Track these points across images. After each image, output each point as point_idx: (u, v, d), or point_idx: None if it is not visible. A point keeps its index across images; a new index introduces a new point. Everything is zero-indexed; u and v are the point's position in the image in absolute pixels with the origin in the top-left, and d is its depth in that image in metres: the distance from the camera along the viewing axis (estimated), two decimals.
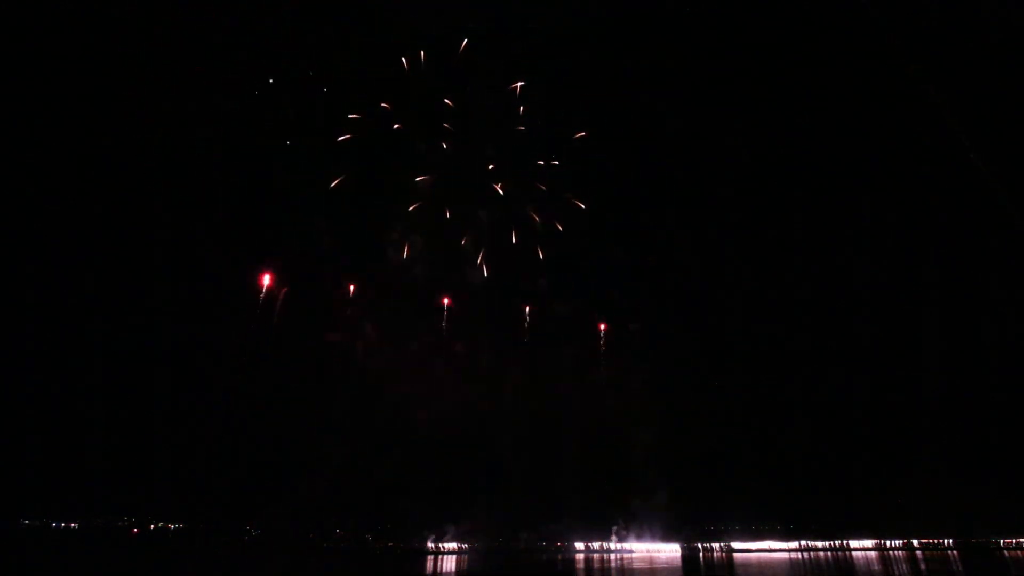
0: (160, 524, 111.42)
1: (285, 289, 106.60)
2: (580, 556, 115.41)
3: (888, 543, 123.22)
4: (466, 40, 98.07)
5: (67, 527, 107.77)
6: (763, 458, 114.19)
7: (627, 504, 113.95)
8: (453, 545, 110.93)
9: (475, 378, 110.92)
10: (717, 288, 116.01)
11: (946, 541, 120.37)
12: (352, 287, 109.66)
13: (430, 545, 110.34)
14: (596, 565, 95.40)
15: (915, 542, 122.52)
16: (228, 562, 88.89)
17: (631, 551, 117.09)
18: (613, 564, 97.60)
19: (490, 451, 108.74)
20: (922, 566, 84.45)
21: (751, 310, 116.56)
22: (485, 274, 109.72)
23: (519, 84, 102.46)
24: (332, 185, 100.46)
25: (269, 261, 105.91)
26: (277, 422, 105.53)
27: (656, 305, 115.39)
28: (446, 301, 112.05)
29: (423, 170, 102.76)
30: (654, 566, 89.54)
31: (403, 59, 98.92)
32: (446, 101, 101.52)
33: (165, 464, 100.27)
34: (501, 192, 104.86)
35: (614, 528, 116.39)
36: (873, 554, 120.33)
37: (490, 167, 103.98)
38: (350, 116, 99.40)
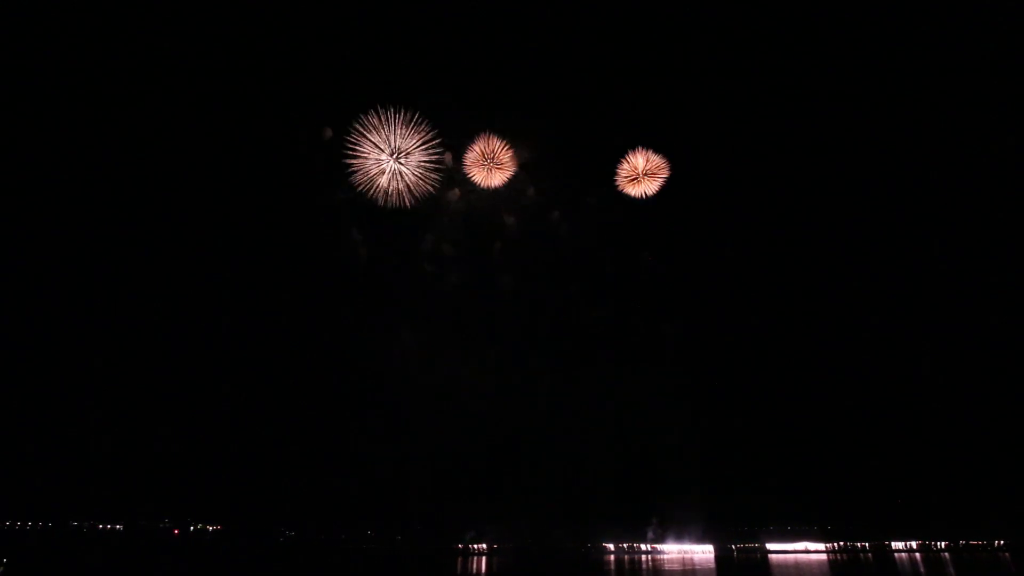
0: (199, 526, 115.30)
1: (321, 300, 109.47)
2: (612, 557, 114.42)
3: (934, 544, 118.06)
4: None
5: (112, 529, 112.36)
6: (799, 457, 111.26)
7: (660, 505, 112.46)
8: (483, 545, 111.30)
9: (508, 381, 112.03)
10: (752, 290, 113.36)
11: (997, 542, 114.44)
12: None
13: (460, 546, 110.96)
14: (627, 566, 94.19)
15: (962, 543, 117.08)
16: (261, 563, 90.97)
17: (662, 552, 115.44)
18: (644, 565, 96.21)
19: (523, 453, 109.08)
20: (970, 569, 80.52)
21: (787, 311, 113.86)
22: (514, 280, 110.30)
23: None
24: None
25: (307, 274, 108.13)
26: (312, 427, 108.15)
27: (689, 307, 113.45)
28: None
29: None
30: (687, 568, 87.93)
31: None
32: None
33: (204, 468, 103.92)
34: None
35: (648, 528, 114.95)
36: (917, 555, 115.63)
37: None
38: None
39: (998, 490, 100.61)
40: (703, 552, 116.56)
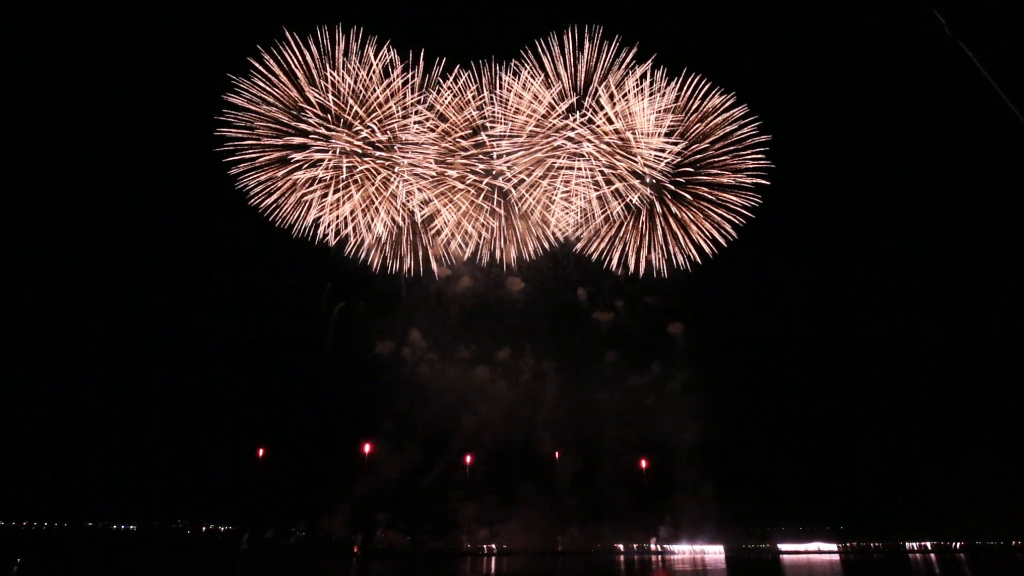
0: (211, 526, 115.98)
1: (341, 304, 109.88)
2: (622, 557, 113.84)
3: (951, 544, 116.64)
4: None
5: (126, 529, 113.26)
6: (812, 457, 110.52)
7: (672, 505, 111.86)
8: (493, 546, 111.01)
9: (519, 383, 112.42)
10: (761, 289, 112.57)
11: (1014, 542, 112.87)
12: None
13: (470, 546, 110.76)
14: (637, 567, 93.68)
15: (977, 543, 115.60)
16: (274, 562, 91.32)
17: (673, 552, 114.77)
18: (654, 566, 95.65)
19: (534, 453, 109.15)
20: (987, 570, 79.38)
21: (798, 310, 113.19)
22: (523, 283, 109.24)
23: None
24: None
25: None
26: (324, 428, 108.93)
27: (698, 307, 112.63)
28: None
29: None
30: (697, 568, 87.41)
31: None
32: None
33: (216, 470, 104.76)
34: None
35: (659, 529, 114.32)
36: (932, 556, 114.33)
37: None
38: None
39: (1014, 490, 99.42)
40: (714, 552, 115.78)
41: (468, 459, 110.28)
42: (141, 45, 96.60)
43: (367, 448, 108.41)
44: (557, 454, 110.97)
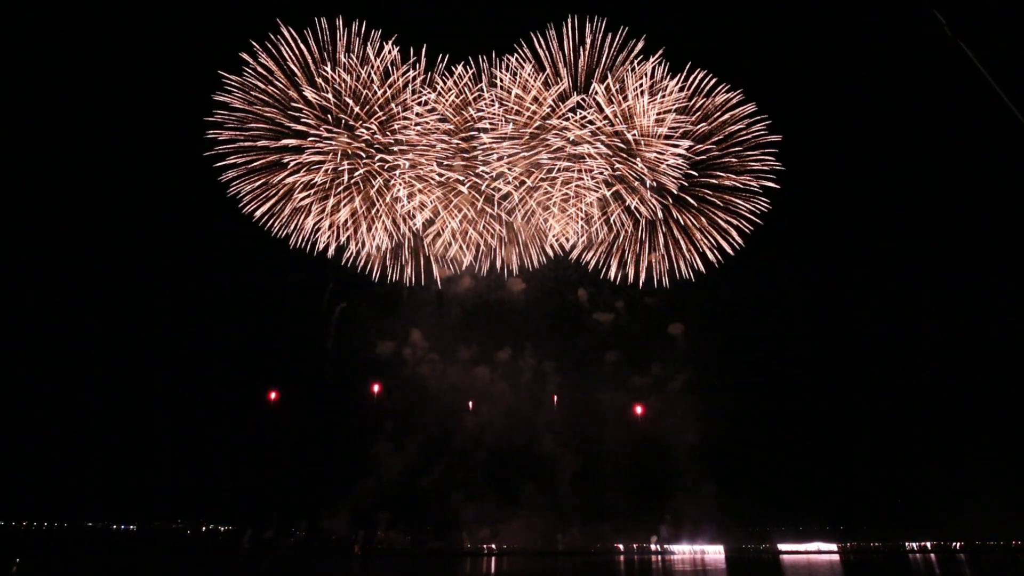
0: (211, 526, 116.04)
1: (342, 304, 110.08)
2: (622, 557, 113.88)
3: (951, 544, 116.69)
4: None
5: (126, 529, 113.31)
6: (811, 456, 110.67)
7: (672, 505, 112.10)
8: (493, 545, 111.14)
9: (519, 383, 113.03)
10: (761, 289, 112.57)
11: (1014, 542, 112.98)
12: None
13: (470, 546, 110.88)
14: (637, 567, 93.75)
15: (977, 543, 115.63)
16: (274, 563, 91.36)
17: (673, 552, 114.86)
18: (654, 566, 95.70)
19: (535, 453, 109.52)
20: (987, 570, 79.35)
21: (797, 310, 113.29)
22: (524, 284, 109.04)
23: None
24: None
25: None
26: (325, 429, 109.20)
27: (698, 308, 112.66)
28: None
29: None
30: (697, 568, 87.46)
31: None
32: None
33: (216, 470, 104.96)
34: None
35: (659, 529, 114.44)
36: (932, 556, 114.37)
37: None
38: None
39: (1014, 490, 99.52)
40: (714, 552, 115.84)
41: (470, 404, 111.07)
42: (137, 41, 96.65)
43: (376, 388, 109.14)
44: (555, 398, 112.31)
